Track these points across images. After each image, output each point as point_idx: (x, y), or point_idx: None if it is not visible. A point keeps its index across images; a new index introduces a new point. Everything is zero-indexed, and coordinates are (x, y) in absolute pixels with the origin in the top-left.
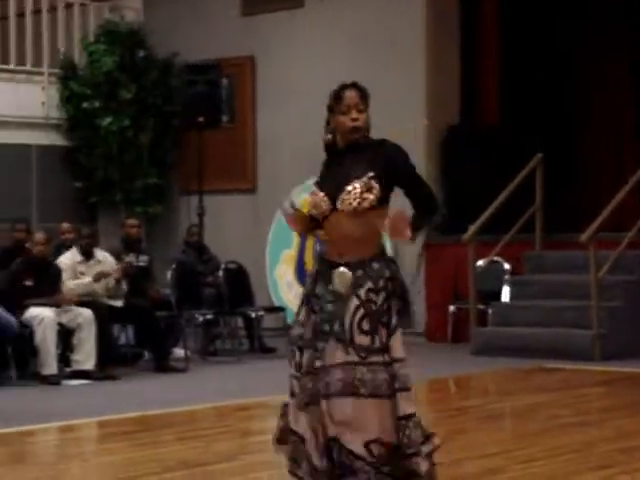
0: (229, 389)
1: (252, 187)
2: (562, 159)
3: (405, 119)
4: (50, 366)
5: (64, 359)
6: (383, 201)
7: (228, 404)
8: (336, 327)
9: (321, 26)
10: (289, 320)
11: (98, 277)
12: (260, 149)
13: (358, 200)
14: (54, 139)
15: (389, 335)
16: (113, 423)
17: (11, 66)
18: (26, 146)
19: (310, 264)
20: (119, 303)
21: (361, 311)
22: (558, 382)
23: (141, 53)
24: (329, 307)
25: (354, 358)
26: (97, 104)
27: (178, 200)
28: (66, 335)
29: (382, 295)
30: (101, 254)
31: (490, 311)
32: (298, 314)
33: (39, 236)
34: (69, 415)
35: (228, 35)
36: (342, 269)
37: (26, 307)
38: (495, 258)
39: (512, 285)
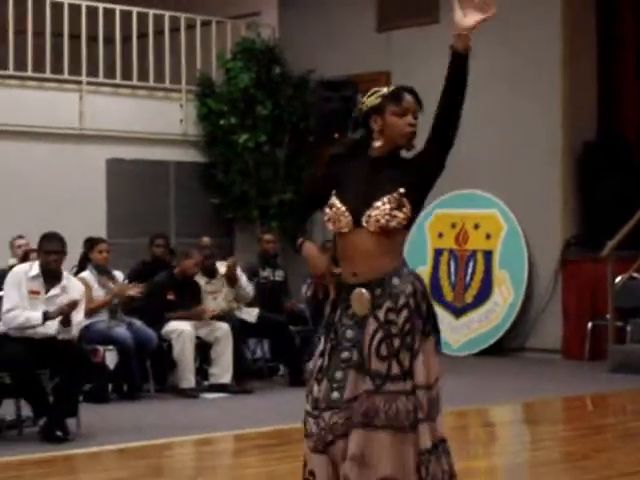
0: None
1: None
2: None
3: (542, 135)
4: (188, 379)
5: (201, 372)
6: (411, 223)
7: None
8: (354, 355)
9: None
10: None
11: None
12: None
13: (387, 218)
14: (191, 155)
15: (412, 358)
16: (249, 437)
17: (150, 83)
18: (164, 162)
19: (445, 280)
20: (253, 318)
21: (379, 334)
22: None
23: (277, 70)
24: (349, 334)
25: (369, 386)
26: (234, 121)
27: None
28: (204, 349)
29: (404, 314)
30: (222, 266)
31: (629, 328)
32: (317, 346)
33: (197, 257)
34: (206, 428)
35: (363, 51)
36: (359, 290)
37: (165, 321)
38: (634, 274)
39: None
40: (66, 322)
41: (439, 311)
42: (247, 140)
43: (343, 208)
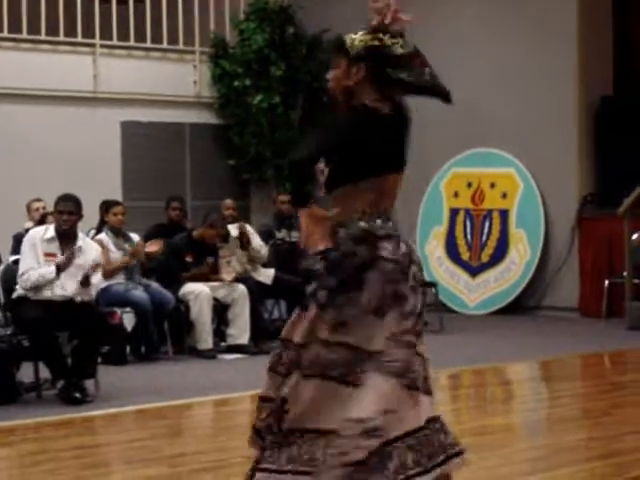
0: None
1: None
2: None
3: (558, 93)
4: (206, 341)
5: (219, 334)
6: None
7: None
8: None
9: (471, 5)
10: (440, 296)
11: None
12: None
13: None
14: (206, 117)
15: None
16: None
17: (164, 45)
18: (179, 124)
19: (461, 239)
20: (269, 280)
21: None
22: None
23: (291, 30)
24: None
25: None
26: (248, 82)
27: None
28: (221, 310)
29: None
30: (234, 231)
31: None
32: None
33: (220, 229)
34: (225, 389)
35: None
36: None
37: (182, 282)
38: None
39: None
40: (85, 282)
41: (456, 270)
42: (261, 101)
43: None
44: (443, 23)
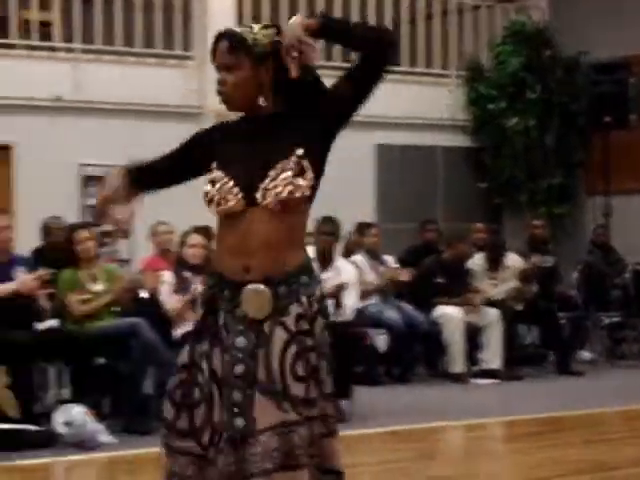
0: (636, 393)
1: None
2: None
3: None
4: (458, 364)
5: (471, 357)
6: (314, 193)
7: (635, 408)
8: (260, 373)
9: None
10: None
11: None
12: None
13: (290, 188)
14: (459, 140)
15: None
16: (519, 423)
17: (419, 69)
18: (432, 147)
19: None
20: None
21: (293, 348)
22: None
23: (547, 52)
24: (240, 342)
25: (292, 417)
26: (503, 105)
27: (584, 200)
28: (473, 334)
29: (319, 323)
30: (510, 259)
31: None
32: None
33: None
34: (476, 413)
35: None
36: (255, 285)
37: (435, 305)
38: None
39: None
40: (337, 304)
41: None
42: (516, 124)
43: (230, 183)
44: None
